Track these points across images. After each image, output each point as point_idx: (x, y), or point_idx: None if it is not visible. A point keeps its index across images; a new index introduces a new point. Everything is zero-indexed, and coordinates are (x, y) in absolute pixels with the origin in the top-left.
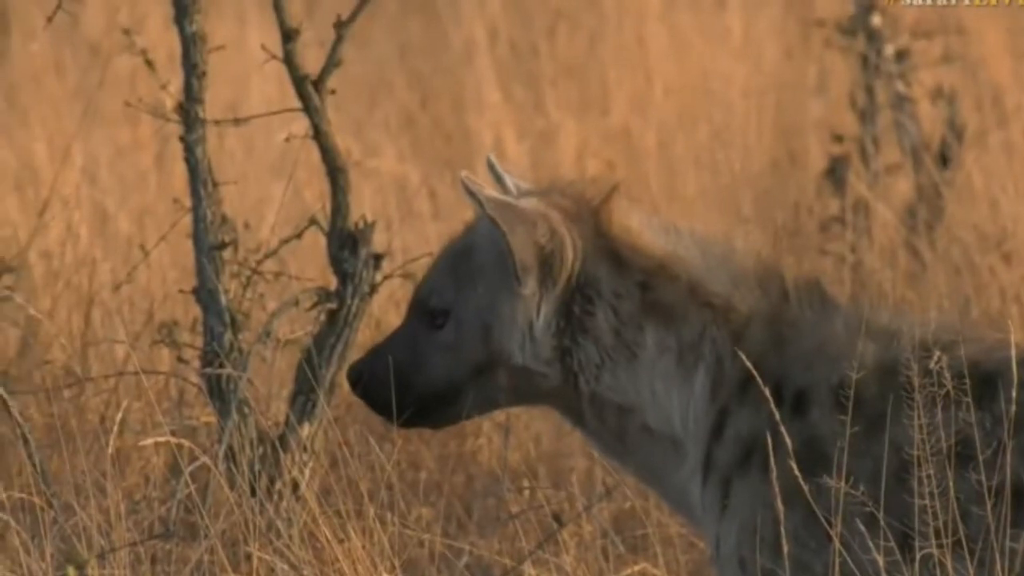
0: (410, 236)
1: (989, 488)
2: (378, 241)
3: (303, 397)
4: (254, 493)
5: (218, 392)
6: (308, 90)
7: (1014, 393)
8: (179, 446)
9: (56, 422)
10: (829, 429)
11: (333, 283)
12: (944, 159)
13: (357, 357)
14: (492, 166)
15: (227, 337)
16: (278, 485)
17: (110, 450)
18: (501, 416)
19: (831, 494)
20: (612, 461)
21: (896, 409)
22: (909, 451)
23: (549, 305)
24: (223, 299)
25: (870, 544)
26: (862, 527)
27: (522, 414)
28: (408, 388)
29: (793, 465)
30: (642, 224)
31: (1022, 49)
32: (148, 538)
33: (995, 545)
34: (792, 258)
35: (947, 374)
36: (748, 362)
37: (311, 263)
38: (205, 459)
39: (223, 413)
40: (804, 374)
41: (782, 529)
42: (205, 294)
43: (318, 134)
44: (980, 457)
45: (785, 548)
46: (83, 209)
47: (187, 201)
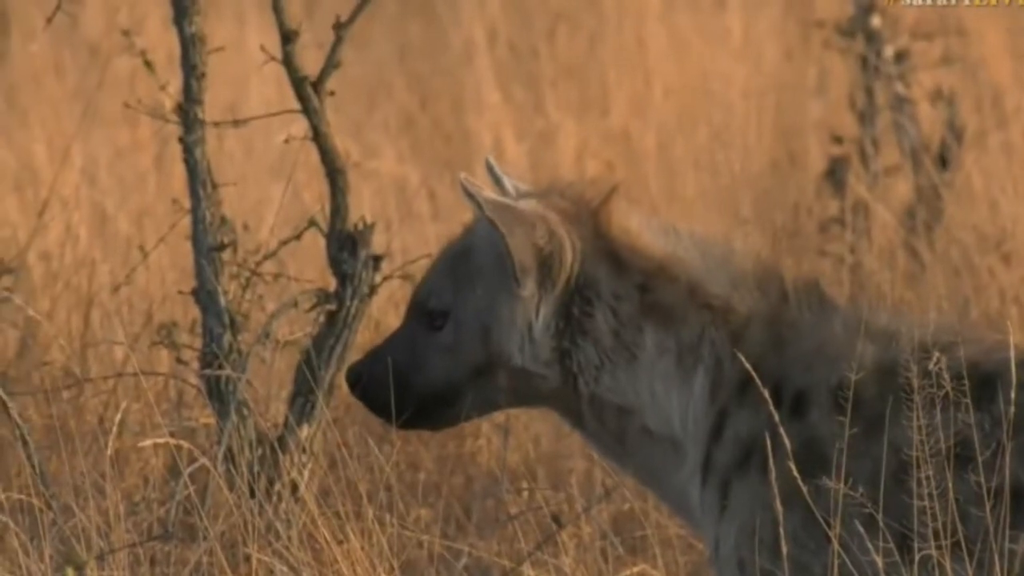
0: (409, 237)
1: (988, 489)
2: (377, 242)
3: (302, 398)
4: (253, 494)
5: (217, 393)
6: (307, 91)
7: (1013, 394)
8: (178, 447)
9: (55, 423)
10: (828, 430)
11: (332, 284)
12: (943, 160)
13: (356, 358)
14: (491, 168)
15: (226, 338)
16: (277, 486)
17: (109, 451)
18: (500, 417)
19: (830, 495)
20: (611, 462)
21: (895, 410)
22: (908, 452)
23: (548, 307)
24: (222, 300)
25: (869, 545)
26: (861, 528)
27: (521, 415)
28: (407, 390)
29: (792, 466)
30: (641, 225)
31: (1022, 50)
32: (147, 539)
33: (994, 546)
34: (791, 259)
35: (946, 375)
36: (747, 363)
37: (310, 264)
38: (204, 460)
39: (222, 414)
40: (803, 375)
41: (781, 530)
42: (204, 295)
43: (317, 135)
44: (979, 458)
45: (784, 549)
46: (82, 210)
47: (186, 202)
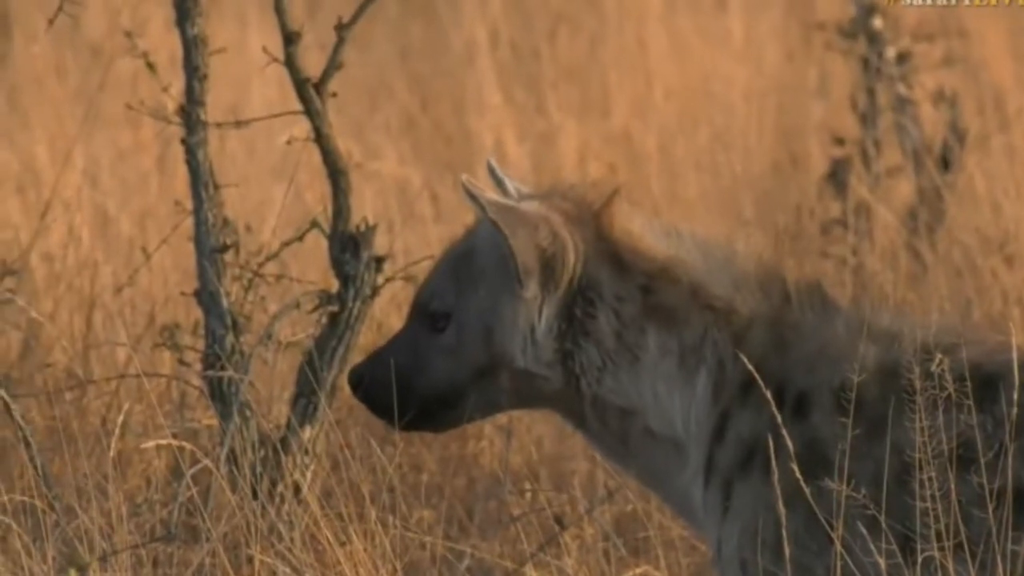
0: (411, 238)
1: (991, 491)
2: (379, 243)
3: (304, 400)
4: (256, 496)
5: (219, 395)
6: (309, 93)
7: (1015, 396)
8: (181, 449)
9: (58, 425)
10: (830, 431)
11: (334, 286)
12: (945, 162)
13: (358, 360)
14: (492, 170)
15: (228, 340)
16: (280, 488)
17: (111, 453)
18: (503, 419)
19: (832, 496)
20: (614, 464)
21: (897, 412)
22: (910, 454)
23: (551, 308)
24: (224, 302)
25: (871, 547)
26: (863, 530)
27: (524, 417)
28: (409, 391)
29: (794, 467)
30: (643, 227)
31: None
32: (150, 541)
33: (997, 548)
34: (793, 261)
35: (948, 377)
36: (749, 364)
37: (312, 266)
38: (207, 462)
39: (224, 416)
40: (805, 376)
41: (783, 531)
42: (206, 297)
43: (319, 137)
44: (982, 460)
45: (787, 550)
46: (84, 211)
47: (188, 204)
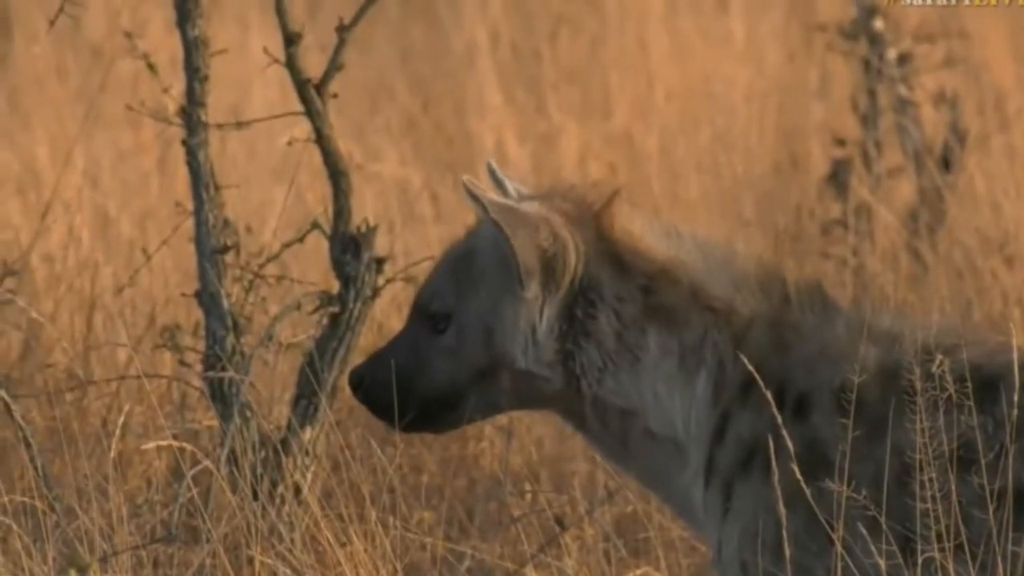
0: (412, 239)
1: (991, 492)
2: (380, 245)
3: (305, 401)
4: (256, 497)
5: (220, 396)
6: (310, 94)
7: (1016, 397)
8: (181, 450)
9: (58, 425)
10: (831, 432)
11: (335, 287)
12: (946, 163)
13: (359, 361)
14: (492, 171)
15: (229, 341)
16: (280, 489)
17: (112, 454)
18: (503, 420)
19: (833, 497)
20: (614, 465)
21: (898, 413)
22: (911, 455)
23: (552, 308)
24: (225, 303)
25: (872, 548)
26: (864, 531)
27: (524, 418)
28: (410, 392)
29: (795, 468)
30: (644, 228)
31: None
32: (150, 542)
33: (997, 549)
34: (794, 261)
35: (949, 378)
36: (750, 365)
37: (313, 267)
38: (207, 463)
39: (225, 417)
40: (806, 377)
41: (784, 532)
42: (207, 298)
43: (320, 138)
44: (982, 461)
45: (787, 551)
46: (85, 212)
47: (189, 205)
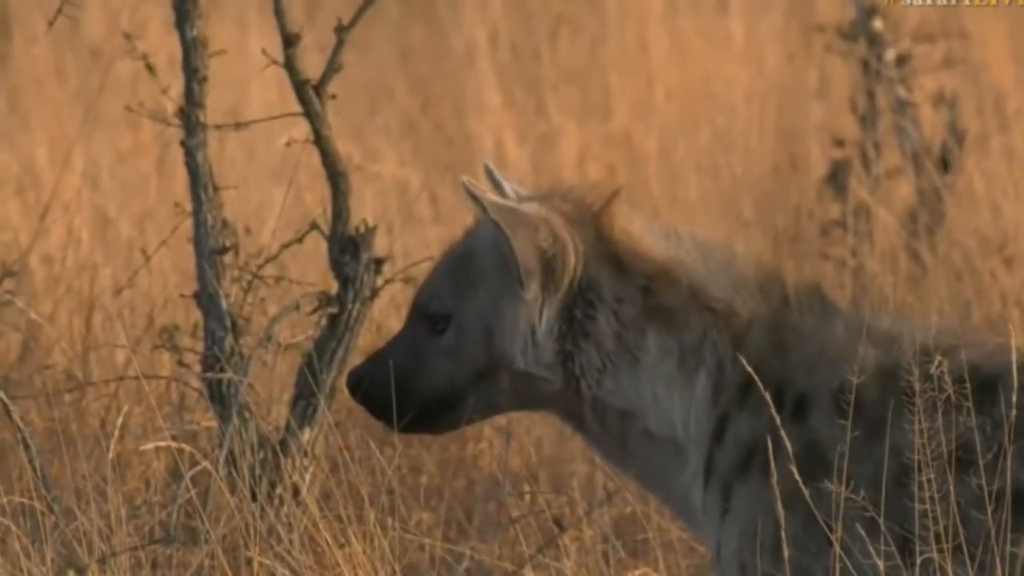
0: (411, 240)
1: (990, 493)
2: (379, 245)
3: (304, 401)
4: (255, 498)
5: (219, 396)
6: (309, 94)
7: (1015, 397)
8: (180, 450)
9: (57, 426)
10: (830, 433)
11: (334, 287)
12: (945, 163)
13: (358, 362)
14: (490, 172)
15: (228, 341)
16: (279, 489)
17: (111, 454)
18: (502, 421)
19: (831, 498)
20: (613, 466)
21: (897, 413)
22: (909, 455)
23: (551, 309)
24: (224, 303)
25: (870, 549)
26: (862, 531)
27: (523, 419)
28: (409, 393)
29: (794, 469)
30: (643, 229)
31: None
32: (149, 543)
33: (995, 550)
34: (793, 262)
35: (948, 378)
36: (749, 366)
37: (312, 267)
38: (206, 464)
39: (224, 417)
40: (805, 378)
41: (783, 533)
42: (206, 298)
43: (319, 138)
44: (981, 462)
45: (785, 552)
46: (84, 213)
47: (188, 205)
